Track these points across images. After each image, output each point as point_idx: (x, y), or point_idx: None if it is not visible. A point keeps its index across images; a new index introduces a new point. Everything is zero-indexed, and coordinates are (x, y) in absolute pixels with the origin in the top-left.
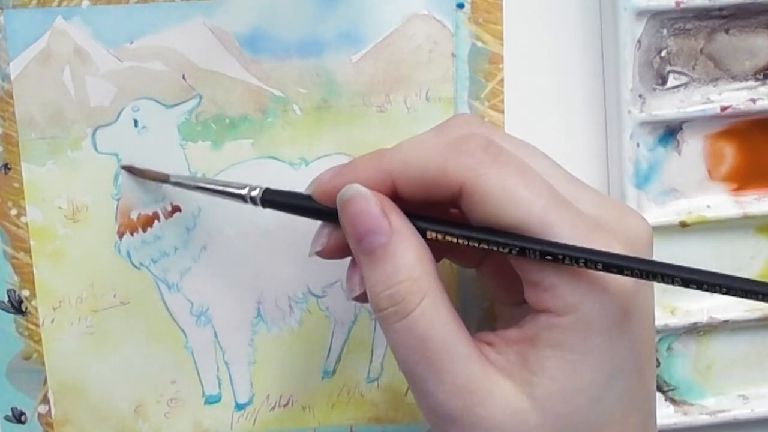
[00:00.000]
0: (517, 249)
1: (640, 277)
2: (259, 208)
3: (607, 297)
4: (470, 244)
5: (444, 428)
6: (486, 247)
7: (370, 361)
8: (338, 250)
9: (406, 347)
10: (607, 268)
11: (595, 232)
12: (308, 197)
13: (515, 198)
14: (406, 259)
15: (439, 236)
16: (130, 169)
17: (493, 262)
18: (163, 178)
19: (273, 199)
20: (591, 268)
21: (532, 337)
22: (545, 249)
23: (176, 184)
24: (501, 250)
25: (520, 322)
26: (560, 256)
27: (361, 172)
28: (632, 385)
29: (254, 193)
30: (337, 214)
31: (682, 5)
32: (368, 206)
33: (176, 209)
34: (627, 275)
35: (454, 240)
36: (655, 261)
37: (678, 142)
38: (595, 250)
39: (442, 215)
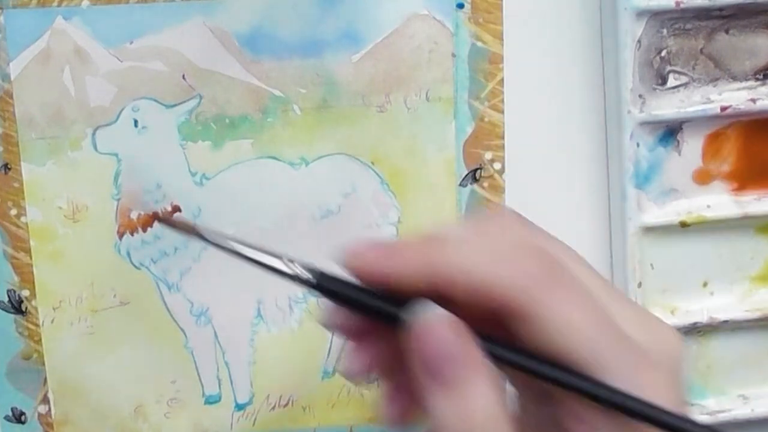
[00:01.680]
0: (588, 394)
1: None
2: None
3: None
4: (545, 382)
5: None
6: (556, 386)
7: None
8: (358, 334)
9: None
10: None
11: (646, 370)
12: (370, 292)
13: (577, 332)
14: (488, 399)
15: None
16: (162, 220)
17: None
18: (194, 231)
19: (329, 287)
20: (637, 419)
21: None
22: (616, 400)
23: (207, 241)
24: (554, 385)
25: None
26: (627, 411)
27: (408, 261)
28: None
29: (306, 276)
30: (397, 318)
31: (682, 5)
32: (448, 332)
33: (176, 209)
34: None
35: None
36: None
37: (678, 142)
38: (654, 406)
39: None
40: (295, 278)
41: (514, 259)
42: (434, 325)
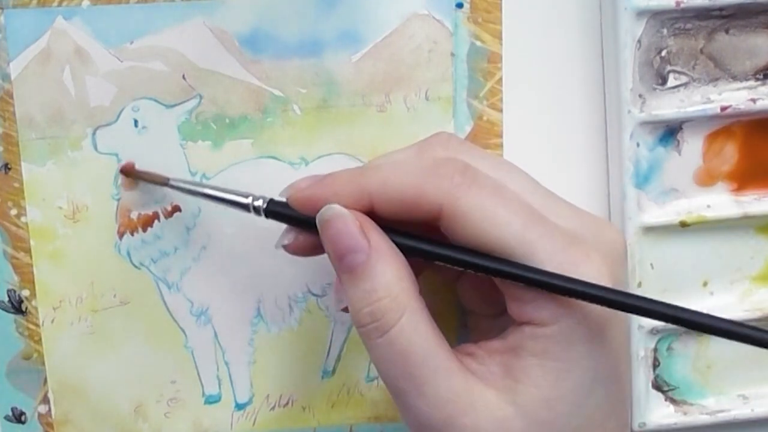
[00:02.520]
0: (500, 273)
1: (616, 308)
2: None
3: (588, 309)
4: (453, 267)
5: None
6: (467, 270)
7: (370, 361)
8: (305, 249)
9: (388, 362)
10: (583, 297)
11: (572, 246)
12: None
13: (493, 218)
14: (385, 277)
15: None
16: (128, 172)
17: (471, 276)
18: (162, 181)
19: (277, 211)
20: (566, 296)
21: (515, 347)
22: (525, 275)
23: (176, 188)
24: (483, 273)
25: (501, 333)
26: (539, 284)
27: (339, 187)
28: (611, 392)
29: (258, 203)
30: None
31: (682, 5)
32: (347, 226)
33: (176, 209)
34: (602, 305)
35: (438, 262)
36: (629, 293)
37: (678, 142)
38: (574, 279)
39: (423, 234)
40: (248, 207)
41: (435, 171)
42: (334, 221)
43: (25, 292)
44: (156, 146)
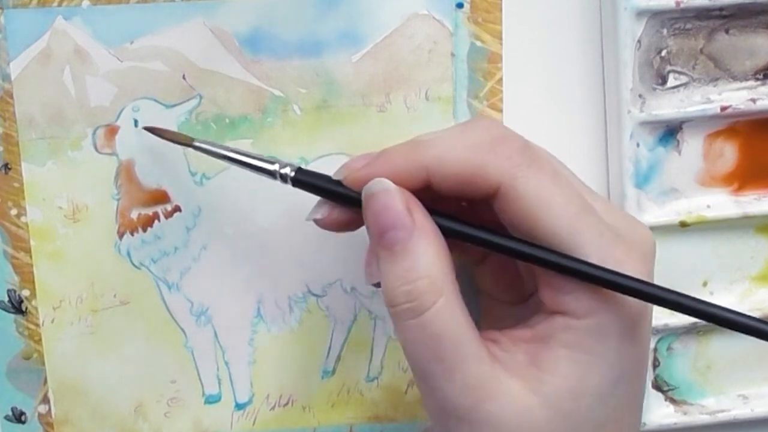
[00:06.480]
0: (548, 263)
1: (664, 306)
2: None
3: (622, 305)
4: (500, 252)
5: (451, 425)
6: (511, 257)
7: (370, 360)
8: (337, 224)
9: (419, 344)
10: (632, 293)
11: (616, 241)
12: (339, 183)
13: (550, 203)
14: (427, 257)
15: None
16: (153, 130)
17: (495, 261)
18: (187, 141)
19: (305, 180)
20: (614, 290)
21: (544, 336)
22: (574, 267)
23: (200, 149)
24: (529, 262)
25: (523, 321)
26: (586, 277)
27: (394, 163)
28: (633, 388)
29: (285, 171)
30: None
31: (682, 5)
32: (393, 202)
33: (176, 209)
34: (650, 302)
35: (481, 247)
36: (673, 291)
37: (678, 142)
38: (620, 274)
39: (469, 215)
40: (275, 174)
41: (494, 148)
42: (380, 196)
43: (25, 292)
44: (156, 146)
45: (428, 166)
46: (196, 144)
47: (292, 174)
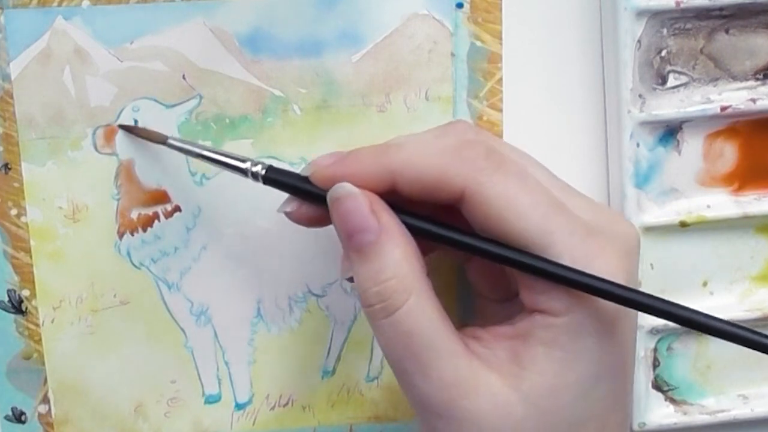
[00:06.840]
0: (514, 263)
1: (627, 305)
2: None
3: (600, 303)
4: (469, 252)
5: (432, 422)
6: (480, 257)
7: (370, 360)
8: (307, 219)
9: (393, 343)
10: (595, 293)
11: (589, 238)
12: (308, 180)
13: (516, 207)
14: (394, 257)
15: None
16: (128, 128)
17: (480, 260)
18: (161, 139)
19: (274, 178)
20: (580, 290)
21: (524, 334)
22: (539, 267)
23: (173, 147)
24: (497, 262)
25: (510, 319)
26: (553, 277)
27: (362, 165)
28: (615, 387)
29: (256, 169)
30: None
31: (682, 5)
32: (357, 205)
33: (176, 209)
34: (613, 301)
35: (447, 245)
36: (641, 292)
37: (678, 142)
38: (588, 275)
39: (443, 217)
40: (246, 172)
41: (460, 153)
42: (345, 200)
43: (25, 292)
44: (156, 146)
45: (394, 170)
46: (170, 142)
47: (263, 172)
